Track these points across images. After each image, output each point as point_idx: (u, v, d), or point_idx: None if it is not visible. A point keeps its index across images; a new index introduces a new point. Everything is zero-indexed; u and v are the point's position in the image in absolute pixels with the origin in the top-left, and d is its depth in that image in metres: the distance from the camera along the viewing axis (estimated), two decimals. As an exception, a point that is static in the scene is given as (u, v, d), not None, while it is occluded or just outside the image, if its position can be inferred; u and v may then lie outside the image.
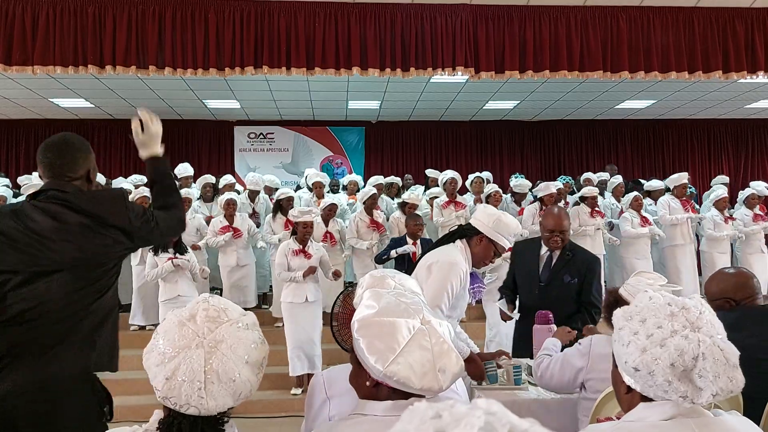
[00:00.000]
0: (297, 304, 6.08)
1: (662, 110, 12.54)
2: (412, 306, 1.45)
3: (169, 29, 6.66)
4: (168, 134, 10.37)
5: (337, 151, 13.24)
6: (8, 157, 12.70)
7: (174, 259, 6.05)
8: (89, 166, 2.26)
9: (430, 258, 3.17)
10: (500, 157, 13.53)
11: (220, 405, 1.34)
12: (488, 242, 3.14)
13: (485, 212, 3.21)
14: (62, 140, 2.25)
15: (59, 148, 2.21)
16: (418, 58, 6.95)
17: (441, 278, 3.04)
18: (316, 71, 6.84)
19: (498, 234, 3.12)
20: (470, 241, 3.19)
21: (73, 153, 2.21)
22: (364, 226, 7.42)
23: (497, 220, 3.13)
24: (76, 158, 2.21)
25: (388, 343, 1.37)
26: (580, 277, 3.92)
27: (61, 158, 2.19)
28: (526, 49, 7.00)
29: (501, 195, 7.93)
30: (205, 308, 1.40)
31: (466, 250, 3.18)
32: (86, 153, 2.27)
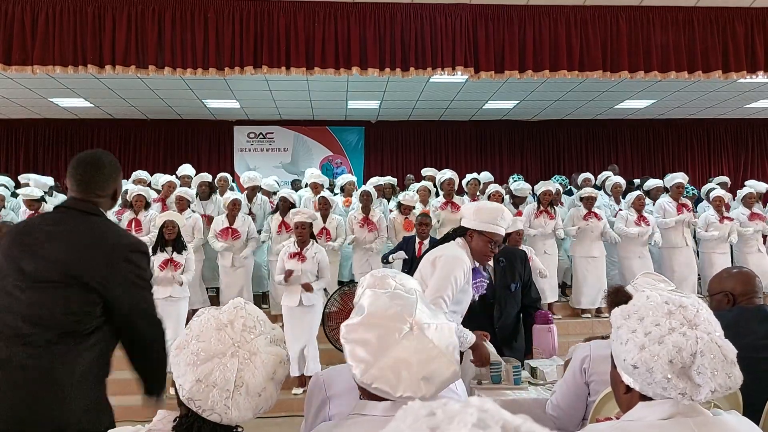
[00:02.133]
0: (292, 307, 6.08)
1: (662, 110, 12.55)
2: (405, 308, 1.41)
3: (169, 29, 6.66)
4: (168, 134, 10.53)
5: (336, 150, 13.24)
6: (8, 157, 12.69)
7: (167, 267, 6.03)
8: (117, 185, 2.29)
9: (435, 253, 3.21)
10: (500, 157, 13.54)
11: (242, 416, 1.34)
12: (479, 235, 3.15)
13: (468, 206, 3.28)
14: (96, 157, 2.28)
15: (92, 164, 2.24)
16: (417, 58, 6.95)
17: (446, 271, 3.07)
18: (315, 71, 6.84)
19: (484, 223, 3.12)
20: (465, 239, 3.22)
21: (105, 170, 2.24)
22: (357, 225, 7.42)
23: (477, 210, 3.16)
24: (107, 177, 2.24)
25: (370, 350, 1.35)
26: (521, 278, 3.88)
27: (93, 174, 2.22)
28: (526, 49, 7.01)
29: (501, 195, 7.87)
30: (243, 316, 1.39)
31: (466, 247, 3.19)
32: (117, 172, 2.30)
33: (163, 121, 12.74)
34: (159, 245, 6.15)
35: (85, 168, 2.22)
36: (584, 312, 7.88)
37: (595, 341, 2.59)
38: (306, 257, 6.05)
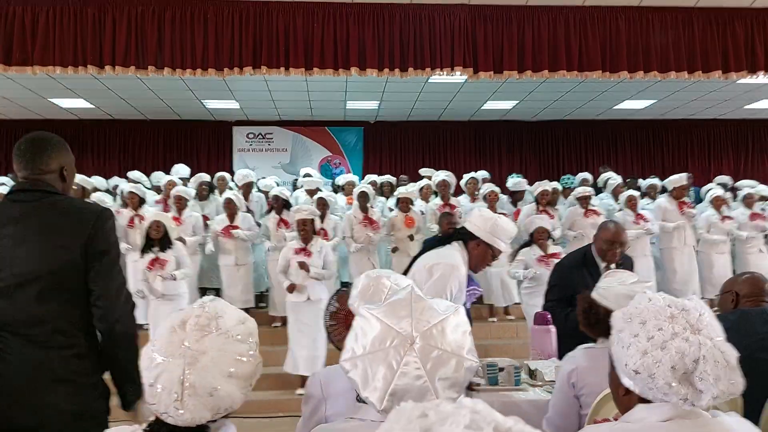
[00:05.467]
0: (299, 303, 6.06)
1: (662, 110, 12.55)
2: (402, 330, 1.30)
3: (169, 30, 6.66)
4: (167, 134, 10.52)
5: (335, 151, 13.24)
6: (8, 158, 12.66)
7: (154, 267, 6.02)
8: (62, 163, 2.25)
9: (430, 259, 3.15)
10: (499, 157, 13.53)
11: (196, 418, 1.30)
12: (485, 246, 3.12)
13: (481, 216, 3.18)
14: (36, 135, 2.29)
15: (33, 141, 2.24)
16: (416, 59, 6.94)
17: (441, 282, 3.03)
18: (314, 71, 6.84)
19: (495, 238, 3.10)
20: (467, 244, 3.17)
21: (45, 147, 2.23)
22: (358, 223, 7.41)
23: (494, 224, 3.11)
24: (49, 152, 2.22)
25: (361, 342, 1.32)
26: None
27: (33, 151, 2.21)
28: (525, 49, 7.00)
29: (497, 195, 7.87)
30: (197, 315, 1.36)
31: (463, 253, 3.16)
32: (60, 149, 2.27)
33: (162, 122, 12.74)
34: (146, 246, 6.14)
35: (27, 144, 2.22)
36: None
37: (580, 350, 2.56)
38: (312, 252, 6.06)
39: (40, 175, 2.19)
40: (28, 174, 2.18)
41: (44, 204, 2.14)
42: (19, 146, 2.23)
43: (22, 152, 2.21)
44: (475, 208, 3.33)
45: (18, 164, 2.21)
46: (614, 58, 7.07)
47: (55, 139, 2.29)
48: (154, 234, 6.10)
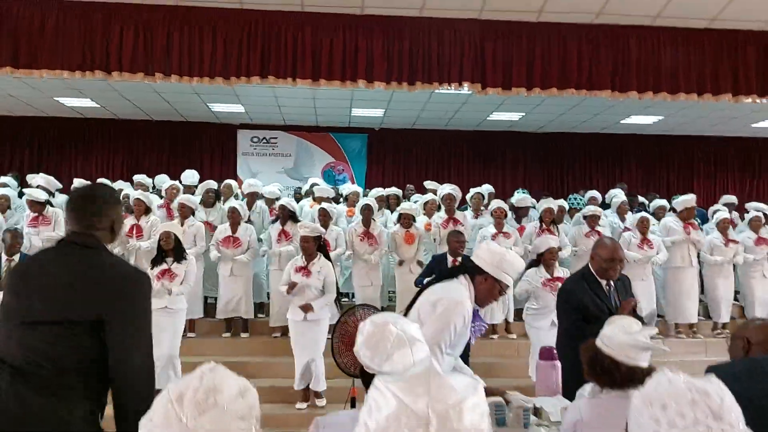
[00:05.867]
0: (298, 321, 6.03)
1: (668, 126, 12.49)
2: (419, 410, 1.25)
3: (177, 37, 6.63)
4: (172, 135, 10.52)
5: (339, 157, 13.19)
6: (12, 155, 12.66)
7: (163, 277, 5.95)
8: (113, 217, 2.24)
9: (435, 294, 3.08)
10: (503, 168, 13.49)
11: None
12: (493, 281, 3.05)
13: (489, 250, 3.10)
14: (90, 188, 2.34)
15: (88, 196, 2.25)
16: (424, 72, 6.90)
17: (445, 317, 2.96)
18: (321, 83, 6.80)
19: (503, 273, 3.04)
20: (474, 278, 3.11)
21: (103, 204, 2.22)
22: (356, 236, 7.36)
23: (502, 259, 3.04)
24: (103, 207, 2.21)
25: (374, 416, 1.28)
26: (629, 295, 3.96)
27: (90, 206, 2.20)
28: (534, 66, 6.95)
29: (505, 211, 7.77)
30: (195, 388, 1.30)
31: (470, 287, 3.10)
32: (114, 204, 2.28)
33: (167, 123, 12.71)
34: (159, 256, 6.08)
35: (79, 200, 2.22)
36: (585, 331, 7.80)
37: (584, 400, 2.50)
38: (311, 272, 6.01)
39: (92, 230, 2.18)
40: (81, 229, 2.17)
41: (88, 259, 2.12)
42: (71, 199, 2.24)
43: (74, 207, 2.21)
44: (483, 242, 3.26)
45: (70, 218, 2.20)
46: (624, 78, 7.01)
47: (108, 194, 2.29)
48: (164, 245, 6.04)
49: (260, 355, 7.22)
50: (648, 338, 2.43)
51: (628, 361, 2.39)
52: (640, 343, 2.40)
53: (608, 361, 2.41)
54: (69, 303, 2.05)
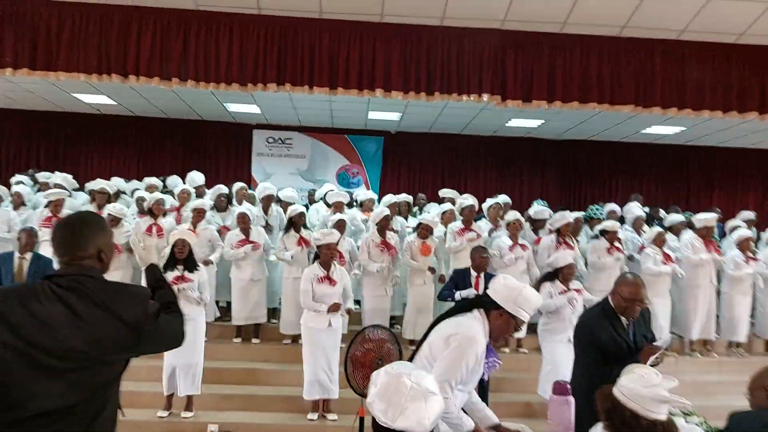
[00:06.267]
0: (318, 329, 5.96)
1: (690, 137, 12.26)
2: None
3: (194, 41, 6.59)
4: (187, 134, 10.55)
5: (354, 160, 13.10)
6: (29, 148, 12.71)
7: (179, 283, 5.89)
8: (99, 245, 2.16)
9: (449, 329, 3.01)
10: (521, 175, 13.33)
11: None
12: (508, 316, 2.98)
13: (505, 285, 3.02)
14: (75, 218, 2.23)
15: (71, 225, 2.19)
16: (443, 82, 6.80)
17: (457, 354, 2.90)
18: (338, 91, 6.74)
19: (518, 308, 2.96)
20: (489, 313, 3.03)
21: (84, 230, 2.16)
22: (375, 247, 7.26)
23: (518, 295, 2.96)
24: (87, 235, 2.15)
25: None
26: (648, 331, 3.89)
27: (72, 235, 2.14)
28: (555, 79, 6.83)
29: (521, 223, 7.65)
30: None
31: (485, 322, 3.02)
32: (98, 230, 2.20)
33: (183, 121, 12.69)
34: (170, 264, 6.03)
35: (62, 230, 2.17)
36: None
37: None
38: (336, 280, 6.00)
39: (77, 260, 2.11)
40: (67, 260, 2.12)
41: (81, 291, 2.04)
42: (56, 230, 2.18)
43: (57, 238, 2.15)
44: (499, 276, 3.16)
45: (55, 250, 2.15)
46: (647, 93, 6.88)
47: (91, 221, 2.22)
48: (179, 254, 5.98)
49: (271, 362, 7.18)
50: (668, 391, 2.35)
51: (649, 415, 2.31)
52: (661, 396, 2.33)
53: (629, 414, 2.33)
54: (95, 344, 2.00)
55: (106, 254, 2.18)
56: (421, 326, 7.35)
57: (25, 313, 1.95)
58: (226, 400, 6.39)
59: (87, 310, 1.99)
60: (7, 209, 7.68)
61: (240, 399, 6.44)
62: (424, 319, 7.32)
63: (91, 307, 2.00)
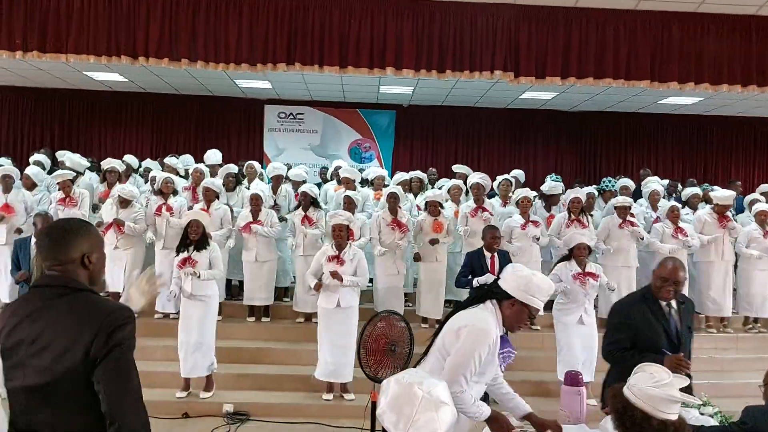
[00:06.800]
0: (329, 309, 5.98)
1: (708, 107, 12.04)
2: None
3: (202, 22, 6.54)
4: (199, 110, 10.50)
5: (366, 134, 13.00)
6: (43, 128, 12.75)
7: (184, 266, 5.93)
8: (84, 250, 2.13)
9: (460, 321, 3.01)
10: (534, 147, 13.16)
11: None
12: (521, 306, 2.95)
13: (515, 274, 3.00)
14: (54, 225, 2.21)
15: (53, 231, 2.16)
16: (455, 60, 6.72)
17: (469, 346, 2.90)
18: (349, 70, 6.70)
19: (530, 296, 2.93)
20: (501, 303, 3.01)
21: (62, 236, 2.13)
22: (386, 226, 7.23)
23: (528, 283, 2.93)
24: (67, 241, 2.11)
25: None
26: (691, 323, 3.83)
27: (54, 241, 2.12)
28: (570, 54, 6.71)
29: (530, 201, 7.54)
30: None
31: (497, 312, 3.00)
32: (82, 235, 2.15)
33: (195, 97, 12.64)
34: (182, 245, 6.06)
35: (47, 233, 2.15)
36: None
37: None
38: (344, 260, 5.98)
39: (59, 266, 2.09)
40: (48, 265, 2.11)
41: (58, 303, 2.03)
42: (39, 236, 2.18)
43: (40, 244, 2.15)
44: (508, 265, 3.13)
45: (40, 254, 2.16)
46: (664, 67, 6.74)
47: (75, 226, 2.18)
48: (193, 236, 6.00)
49: (284, 341, 7.22)
50: (679, 390, 2.34)
51: (660, 415, 2.30)
52: (672, 396, 2.32)
53: (640, 415, 2.32)
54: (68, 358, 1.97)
55: (92, 260, 2.14)
56: (433, 303, 7.38)
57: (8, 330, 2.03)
58: (240, 380, 6.43)
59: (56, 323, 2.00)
60: (21, 190, 7.67)
61: (254, 378, 6.48)
62: (437, 297, 7.34)
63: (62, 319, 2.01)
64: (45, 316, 2.02)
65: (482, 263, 6.33)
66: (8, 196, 7.40)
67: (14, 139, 12.64)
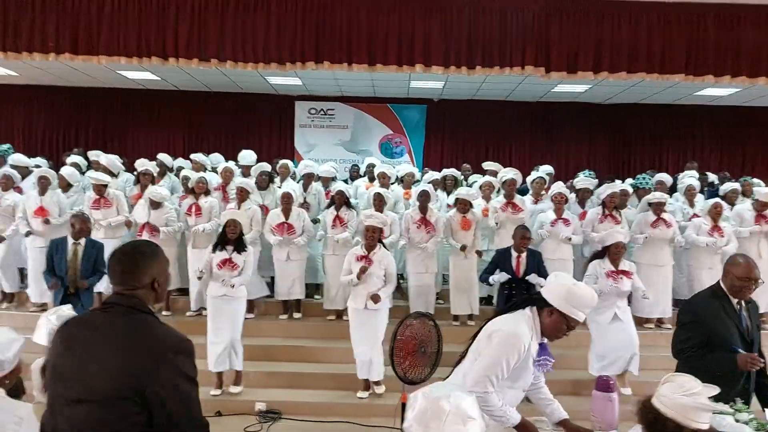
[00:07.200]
0: (358, 310, 6.01)
1: (747, 98, 11.72)
2: None
3: (231, 22, 6.59)
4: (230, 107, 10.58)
5: (396, 129, 12.98)
6: (78, 124, 12.99)
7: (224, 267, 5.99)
8: (154, 275, 2.19)
9: (495, 325, 3.01)
10: (566, 142, 12.96)
11: None
12: (559, 315, 2.89)
13: (556, 282, 2.96)
14: (128, 248, 2.25)
15: (126, 255, 2.21)
16: (485, 55, 6.66)
17: (498, 351, 2.89)
18: (377, 68, 6.68)
19: (571, 307, 2.87)
20: (541, 311, 2.97)
21: (138, 261, 2.19)
22: (413, 224, 7.21)
23: (568, 292, 2.87)
24: (142, 267, 2.18)
25: None
26: (758, 322, 3.76)
27: (128, 267, 2.17)
28: (602, 49, 6.60)
29: (566, 197, 7.45)
30: None
31: (535, 320, 2.96)
32: (153, 260, 2.22)
33: (225, 94, 12.75)
34: (220, 243, 6.11)
35: (119, 259, 2.19)
36: (647, 322, 7.52)
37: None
38: (373, 260, 5.99)
39: (132, 290, 2.15)
40: (121, 289, 2.15)
41: (120, 323, 2.08)
42: (111, 259, 2.20)
43: (113, 267, 2.18)
44: (551, 273, 3.09)
45: (111, 278, 2.19)
46: (699, 60, 6.60)
47: (149, 251, 2.24)
48: (231, 234, 6.06)
49: (316, 338, 7.25)
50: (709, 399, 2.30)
51: (691, 424, 2.27)
52: (703, 405, 2.28)
53: (672, 425, 2.28)
54: (116, 378, 2.00)
55: (160, 283, 2.21)
56: (465, 301, 7.34)
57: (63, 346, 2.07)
58: (272, 378, 6.49)
59: (117, 345, 2.03)
60: (56, 191, 7.80)
61: (286, 376, 6.52)
62: (467, 294, 7.30)
63: (124, 342, 2.03)
64: (105, 334, 2.06)
65: (509, 263, 6.28)
66: (44, 198, 7.51)
67: (49, 138, 12.90)
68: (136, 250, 2.24)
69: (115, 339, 2.05)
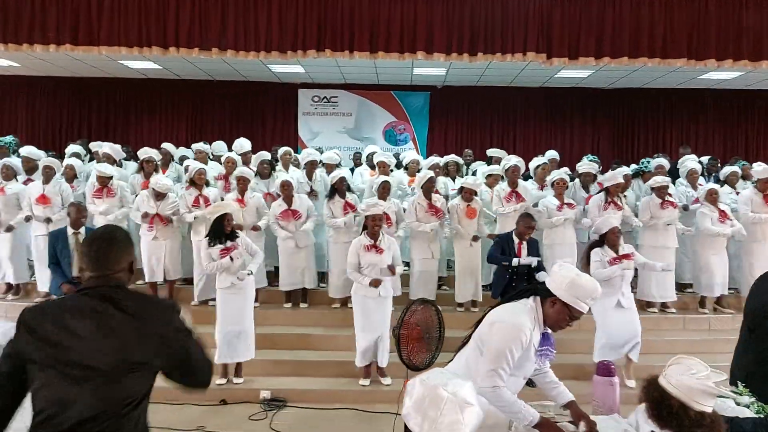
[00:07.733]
0: (369, 298, 6.02)
1: (750, 80, 11.66)
2: None
3: (232, 11, 6.57)
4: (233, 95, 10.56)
5: (400, 116, 12.97)
6: (80, 115, 13.02)
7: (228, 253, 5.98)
8: (130, 258, 2.29)
9: (496, 315, 3.03)
10: (571, 126, 12.95)
11: None
12: (562, 306, 2.90)
13: (559, 273, 2.96)
14: (107, 233, 2.31)
15: (104, 241, 2.27)
16: (486, 42, 6.66)
17: (500, 342, 2.91)
18: (379, 55, 6.67)
19: (574, 298, 2.87)
20: (544, 301, 2.98)
21: (113, 246, 2.25)
22: (423, 211, 7.21)
23: (571, 283, 2.88)
24: (117, 251, 2.25)
25: None
26: None
27: (106, 253, 2.22)
28: (604, 34, 6.58)
29: (566, 183, 7.45)
30: None
31: (538, 310, 2.98)
32: (129, 244, 2.32)
33: (228, 83, 12.75)
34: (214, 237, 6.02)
35: (98, 244, 2.24)
36: (650, 306, 7.54)
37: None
38: (383, 249, 5.99)
39: (111, 274, 2.21)
40: (98, 275, 2.21)
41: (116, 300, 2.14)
42: (89, 245, 2.25)
43: (89, 253, 2.23)
44: (556, 264, 3.09)
45: (88, 263, 2.23)
46: (701, 44, 6.58)
47: (123, 236, 2.32)
48: (229, 228, 6.02)
49: (321, 326, 7.27)
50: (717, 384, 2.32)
51: (696, 406, 2.30)
52: (711, 388, 2.31)
53: (677, 405, 2.31)
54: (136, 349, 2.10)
55: (135, 263, 2.33)
56: (469, 288, 7.37)
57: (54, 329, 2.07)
58: (277, 366, 6.51)
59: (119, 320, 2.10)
60: (59, 181, 7.83)
61: (291, 364, 6.55)
62: (472, 281, 7.33)
63: (124, 316, 2.10)
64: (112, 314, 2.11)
65: (511, 248, 6.30)
66: (47, 187, 7.54)
67: (53, 129, 12.93)
68: (113, 236, 2.30)
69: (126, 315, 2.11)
